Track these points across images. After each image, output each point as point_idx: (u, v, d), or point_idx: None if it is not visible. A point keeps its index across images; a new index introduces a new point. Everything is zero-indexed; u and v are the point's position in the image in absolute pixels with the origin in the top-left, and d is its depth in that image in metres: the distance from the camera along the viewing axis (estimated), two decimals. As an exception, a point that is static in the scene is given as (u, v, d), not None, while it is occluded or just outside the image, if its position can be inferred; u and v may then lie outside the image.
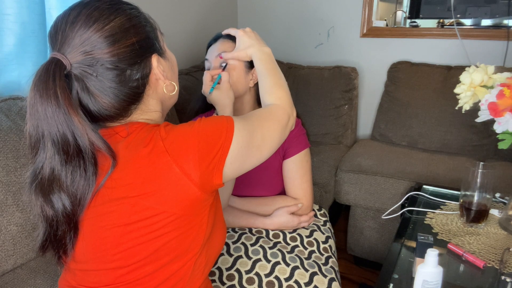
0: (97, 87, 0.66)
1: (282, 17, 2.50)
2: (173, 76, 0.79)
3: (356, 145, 2.14)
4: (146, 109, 0.73)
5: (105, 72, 0.65)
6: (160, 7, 1.92)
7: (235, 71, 1.12)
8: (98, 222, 0.66)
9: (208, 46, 1.19)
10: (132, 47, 0.67)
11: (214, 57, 1.14)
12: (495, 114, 0.99)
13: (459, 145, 1.97)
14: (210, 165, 0.66)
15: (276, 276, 0.98)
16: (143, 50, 0.69)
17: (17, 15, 1.16)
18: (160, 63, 0.73)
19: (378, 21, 2.32)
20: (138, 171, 0.64)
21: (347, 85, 2.20)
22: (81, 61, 0.64)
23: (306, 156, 1.20)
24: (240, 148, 0.70)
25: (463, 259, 0.99)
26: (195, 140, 0.65)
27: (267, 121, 0.80)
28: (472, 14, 2.12)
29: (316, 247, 1.12)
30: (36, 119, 0.61)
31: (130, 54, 0.67)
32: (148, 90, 0.72)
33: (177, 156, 0.64)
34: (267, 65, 0.95)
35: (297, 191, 1.19)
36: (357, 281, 1.85)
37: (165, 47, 0.77)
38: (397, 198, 1.58)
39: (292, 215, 1.16)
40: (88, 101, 0.67)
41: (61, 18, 0.67)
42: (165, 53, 0.76)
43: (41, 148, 0.63)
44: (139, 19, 0.70)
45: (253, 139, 0.73)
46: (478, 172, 1.09)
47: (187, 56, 2.17)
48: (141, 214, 0.64)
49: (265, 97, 0.90)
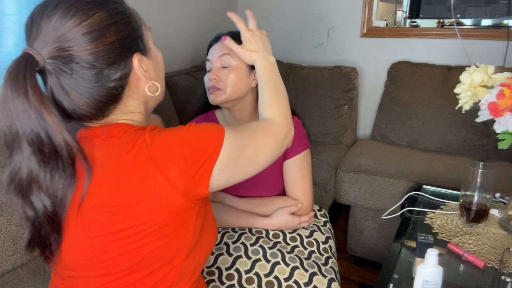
0: (71, 85, 0.62)
1: (282, 17, 2.50)
2: (158, 76, 0.75)
3: (356, 145, 2.14)
4: (126, 109, 0.70)
5: (80, 70, 0.61)
6: (160, 7, 1.92)
7: (237, 72, 1.12)
8: (84, 229, 0.64)
9: (209, 47, 1.18)
10: (111, 46, 0.63)
11: (216, 58, 1.13)
12: (495, 114, 0.99)
13: (459, 145, 1.97)
14: (196, 174, 0.63)
15: (276, 276, 0.98)
16: (124, 49, 0.65)
17: (17, 15, 1.16)
18: (142, 62, 0.69)
19: (378, 21, 2.32)
20: (121, 179, 0.62)
21: (347, 85, 2.20)
22: (55, 57, 0.60)
23: (306, 157, 1.20)
24: (229, 159, 0.67)
25: (463, 259, 0.99)
26: (182, 148, 0.63)
27: (261, 135, 0.76)
28: (472, 14, 2.12)
29: (316, 247, 1.12)
30: (9, 117, 0.58)
31: (109, 53, 0.63)
32: (128, 91, 0.68)
33: (161, 164, 0.61)
34: (270, 75, 0.91)
35: (297, 191, 1.19)
36: (357, 281, 1.85)
37: (151, 45, 0.73)
38: (397, 198, 1.58)
39: (292, 215, 1.15)
40: (62, 98, 0.63)
41: (38, 9, 0.62)
42: (149, 52, 0.72)
43: (17, 148, 0.60)
44: (122, 16, 0.66)
45: (244, 151, 0.70)
46: (478, 172, 1.09)
47: (187, 56, 2.17)
48: (125, 224, 0.62)
49: (264, 110, 0.86)
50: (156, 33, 2.08)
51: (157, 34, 1.92)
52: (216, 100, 1.12)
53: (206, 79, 1.15)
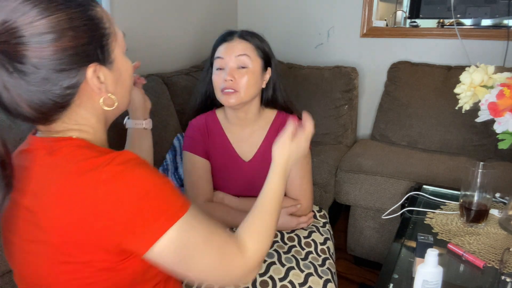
0: (12, 84, 0.56)
1: (282, 17, 2.50)
2: (118, 89, 0.67)
3: (356, 145, 2.14)
4: (74, 120, 0.63)
5: (24, 71, 0.55)
6: (160, 7, 1.92)
7: (254, 74, 1.10)
8: (27, 257, 0.62)
9: (219, 43, 1.14)
10: (64, 53, 0.56)
11: (233, 57, 1.09)
12: (495, 114, 0.99)
13: (459, 145, 1.97)
14: (134, 239, 0.57)
15: (271, 276, 0.98)
16: (78, 58, 0.58)
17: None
18: (99, 73, 0.62)
19: (378, 21, 2.32)
20: (62, 211, 0.56)
21: (347, 85, 2.20)
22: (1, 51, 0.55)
23: (306, 158, 1.19)
24: (170, 244, 0.58)
25: (463, 259, 0.99)
26: (135, 204, 0.56)
27: (214, 253, 0.63)
28: (472, 14, 2.12)
29: (313, 248, 1.11)
30: None
31: (60, 60, 0.56)
32: (78, 101, 0.62)
33: (108, 210, 0.55)
34: (277, 191, 0.79)
35: (297, 192, 1.18)
36: (357, 281, 1.85)
37: (117, 55, 0.66)
38: (397, 198, 1.58)
39: (291, 216, 1.15)
40: (2, 92, 0.57)
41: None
42: (112, 63, 0.64)
43: None
44: (84, 21, 0.59)
45: (185, 250, 0.60)
46: (478, 172, 1.09)
47: (187, 56, 2.17)
48: (65, 259, 0.58)
49: (244, 231, 0.71)
50: (156, 33, 2.08)
51: (157, 34, 1.92)
52: (231, 102, 1.09)
53: (217, 79, 1.11)
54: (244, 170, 1.21)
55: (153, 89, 1.64)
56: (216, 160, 1.21)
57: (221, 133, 1.22)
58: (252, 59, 1.10)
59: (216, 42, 1.15)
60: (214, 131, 1.22)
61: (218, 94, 1.12)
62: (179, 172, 1.55)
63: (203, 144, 1.20)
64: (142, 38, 1.83)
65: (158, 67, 1.94)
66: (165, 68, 1.99)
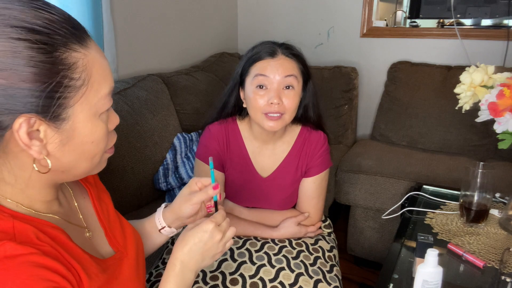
0: None
1: (282, 17, 2.50)
2: (66, 153, 0.54)
3: (356, 145, 2.14)
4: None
5: None
6: (160, 7, 1.92)
7: (298, 96, 1.04)
8: None
9: (260, 58, 1.02)
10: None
11: (281, 77, 0.99)
12: (495, 114, 0.99)
13: (459, 145, 1.97)
14: None
15: (281, 282, 0.97)
16: (7, 101, 0.47)
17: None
18: (39, 127, 0.50)
19: (378, 21, 2.32)
20: None
21: (347, 85, 2.20)
22: None
23: (326, 175, 1.18)
24: None
25: (463, 259, 0.99)
26: None
27: None
28: (472, 14, 2.12)
29: (321, 254, 1.10)
30: None
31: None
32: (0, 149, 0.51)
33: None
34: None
35: (311, 209, 1.17)
36: (357, 281, 1.85)
37: (76, 114, 0.52)
38: (397, 198, 1.58)
39: (299, 225, 1.14)
40: None
41: None
42: (64, 120, 0.51)
43: None
44: (38, 62, 0.47)
45: None
46: (478, 172, 1.08)
47: (187, 56, 2.17)
48: None
49: None
50: (156, 33, 2.08)
51: (157, 34, 1.92)
52: (274, 127, 1.01)
53: (260, 100, 1.00)
54: (260, 186, 1.16)
55: (153, 89, 1.64)
56: (231, 172, 1.15)
57: (241, 146, 1.14)
58: (298, 80, 1.03)
59: (254, 55, 1.04)
60: (234, 142, 1.13)
61: (257, 117, 1.03)
62: (180, 172, 1.55)
63: (220, 154, 1.12)
64: (142, 38, 1.83)
65: (158, 67, 1.94)
66: (165, 68, 1.99)
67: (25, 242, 0.49)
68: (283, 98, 1.00)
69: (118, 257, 0.68)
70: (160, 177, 1.53)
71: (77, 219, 0.66)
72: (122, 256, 0.69)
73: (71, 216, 0.64)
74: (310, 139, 1.16)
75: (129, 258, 0.70)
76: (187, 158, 1.59)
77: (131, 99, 1.52)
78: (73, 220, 0.64)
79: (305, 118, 1.14)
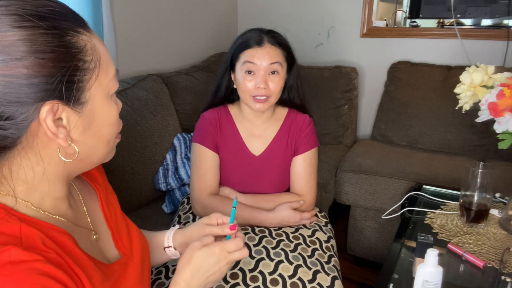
0: None
1: (282, 17, 2.50)
2: (87, 137, 0.55)
3: (356, 145, 2.14)
4: (7, 171, 0.52)
5: None
6: (160, 7, 1.92)
7: (283, 80, 1.15)
8: None
9: (248, 46, 1.12)
10: (11, 79, 0.46)
11: (267, 64, 1.10)
12: (495, 114, 0.99)
13: (459, 145, 1.97)
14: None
15: (280, 274, 0.99)
16: (32, 91, 0.47)
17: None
18: (61, 115, 0.51)
19: (378, 21, 2.32)
20: None
21: (347, 85, 2.20)
22: None
23: (315, 154, 1.24)
24: None
25: (463, 259, 0.99)
26: None
27: None
28: (472, 14, 2.12)
29: (319, 245, 1.12)
30: None
31: (4, 89, 0.46)
32: (23, 142, 0.50)
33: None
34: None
35: (304, 187, 1.22)
36: (357, 281, 1.85)
37: (93, 96, 0.54)
38: (397, 198, 1.58)
39: (294, 210, 1.17)
40: None
41: None
42: (84, 104, 0.53)
43: None
44: (53, 47, 0.48)
45: None
46: (478, 172, 1.09)
47: (187, 56, 2.17)
48: None
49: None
50: (156, 33, 2.08)
51: (157, 34, 1.92)
52: (261, 108, 1.13)
53: (248, 84, 1.12)
54: (253, 164, 1.23)
55: (153, 89, 1.64)
56: (225, 153, 1.23)
57: (233, 128, 1.24)
58: (282, 66, 1.13)
59: (243, 43, 1.13)
60: (227, 125, 1.24)
61: (246, 98, 1.14)
62: (179, 173, 1.55)
63: (214, 137, 1.22)
64: (142, 38, 1.83)
65: (158, 67, 1.94)
66: (165, 68, 1.99)
67: (30, 247, 0.48)
68: (269, 83, 1.11)
69: (124, 262, 0.67)
70: (160, 178, 1.53)
71: (84, 221, 0.65)
72: (127, 260, 0.68)
73: (78, 218, 0.64)
74: (297, 119, 1.26)
75: (134, 261, 0.70)
76: (187, 159, 1.59)
77: (131, 99, 1.52)
78: (81, 222, 0.64)
79: (290, 100, 1.24)
